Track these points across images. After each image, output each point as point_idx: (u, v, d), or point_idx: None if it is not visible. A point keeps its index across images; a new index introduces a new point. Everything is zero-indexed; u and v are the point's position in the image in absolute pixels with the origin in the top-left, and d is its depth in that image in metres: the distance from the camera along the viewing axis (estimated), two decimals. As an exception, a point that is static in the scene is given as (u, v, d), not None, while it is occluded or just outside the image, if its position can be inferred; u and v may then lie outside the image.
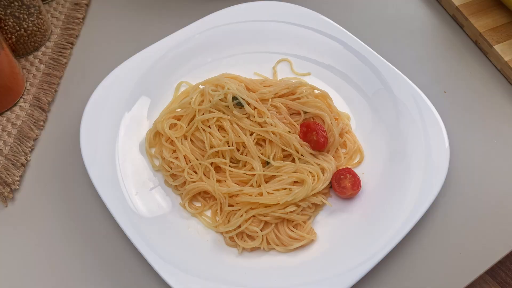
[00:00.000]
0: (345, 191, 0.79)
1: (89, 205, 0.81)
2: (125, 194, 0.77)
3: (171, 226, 0.77)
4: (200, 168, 0.80)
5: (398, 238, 0.72)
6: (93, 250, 0.76)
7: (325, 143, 0.81)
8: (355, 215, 0.78)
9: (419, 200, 0.76)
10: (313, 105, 0.85)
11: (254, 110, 0.81)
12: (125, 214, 0.74)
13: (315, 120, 0.85)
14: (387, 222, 0.75)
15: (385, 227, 0.74)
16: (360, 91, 0.91)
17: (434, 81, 0.97)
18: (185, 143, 0.83)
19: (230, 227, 0.76)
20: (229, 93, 0.81)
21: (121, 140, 0.83)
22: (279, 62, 0.95)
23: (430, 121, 0.83)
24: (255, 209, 0.76)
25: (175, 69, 0.93)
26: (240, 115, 0.81)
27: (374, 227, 0.75)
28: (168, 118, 0.85)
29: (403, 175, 0.80)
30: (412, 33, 1.04)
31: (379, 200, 0.79)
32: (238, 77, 0.89)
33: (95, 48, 0.99)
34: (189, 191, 0.79)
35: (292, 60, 0.95)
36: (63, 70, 0.96)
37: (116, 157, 0.81)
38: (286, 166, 0.80)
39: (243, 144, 0.81)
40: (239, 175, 0.80)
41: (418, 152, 0.81)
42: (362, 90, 0.91)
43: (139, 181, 0.80)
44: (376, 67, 0.91)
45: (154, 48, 0.92)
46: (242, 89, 0.84)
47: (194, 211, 0.79)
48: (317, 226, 0.78)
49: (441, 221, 0.80)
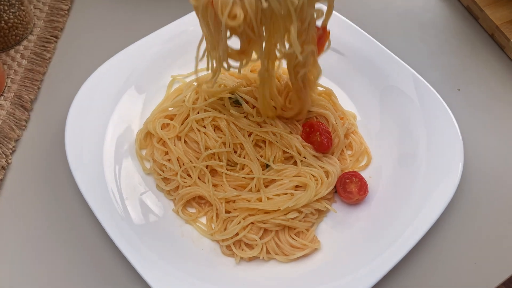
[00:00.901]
0: (351, 196, 0.79)
1: (74, 211, 0.80)
2: (113, 199, 0.77)
3: (163, 234, 0.76)
4: (195, 171, 0.80)
5: (407, 247, 0.72)
6: (80, 259, 0.76)
7: (330, 145, 0.81)
8: (361, 222, 0.78)
9: (430, 206, 0.76)
10: (316, 103, 0.85)
11: (253, 109, 0.81)
12: (113, 221, 0.74)
13: (318, 119, 0.85)
14: (396, 229, 0.75)
15: (393, 235, 0.74)
16: (368, 88, 0.91)
17: (447, 77, 0.97)
18: (178, 144, 0.83)
19: (227, 235, 0.76)
20: (226, 90, 0.81)
21: (109, 141, 0.83)
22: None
23: (443, 121, 0.83)
24: (254, 216, 0.76)
25: (168, 65, 0.93)
26: (237, 114, 0.81)
27: (382, 235, 0.75)
28: (160, 118, 0.85)
29: (414, 179, 0.80)
30: (423, 25, 1.04)
31: (388, 206, 0.78)
32: (235, 73, 0.89)
33: (82, 42, 0.99)
34: (182, 196, 0.79)
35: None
36: (46, 65, 0.96)
37: (104, 159, 0.81)
38: (287, 169, 0.80)
39: (240, 146, 0.81)
40: (237, 179, 0.80)
41: (429, 154, 0.81)
42: (370, 87, 0.91)
43: (129, 185, 0.80)
44: (385, 62, 0.91)
45: (145, 41, 0.92)
46: (240, 86, 0.84)
47: (188, 218, 0.79)
48: (320, 234, 0.78)
49: (454, 228, 0.80)
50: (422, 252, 0.78)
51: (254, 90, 0.83)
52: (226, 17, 0.61)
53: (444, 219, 0.80)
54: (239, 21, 0.61)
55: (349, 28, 0.95)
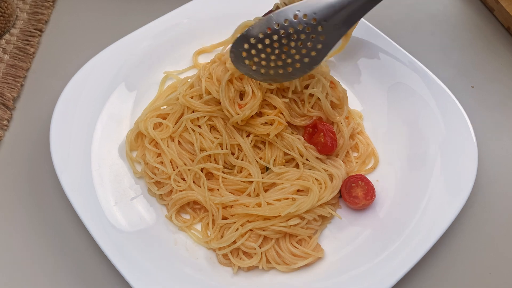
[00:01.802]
0: (356, 201, 0.79)
1: (60, 217, 0.80)
2: (102, 204, 0.77)
3: (156, 242, 0.76)
4: (189, 174, 0.80)
5: (417, 256, 0.72)
6: (65, 268, 0.76)
7: (334, 146, 0.81)
8: (368, 229, 0.78)
9: (442, 212, 0.76)
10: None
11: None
12: (102, 228, 0.74)
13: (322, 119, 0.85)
14: (405, 237, 0.75)
15: (402, 244, 0.74)
16: (374, 86, 0.91)
17: (459, 74, 0.97)
18: (172, 145, 0.83)
19: (223, 243, 0.76)
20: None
21: (98, 142, 0.83)
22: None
23: (456, 120, 0.83)
24: (253, 222, 0.76)
25: (161, 60, 0.93)
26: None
27: (390, 243, 0.75)
28: (152, 117, 0.85)
29: (424, 182, 0.80)
30: (434, 18, 1.04)
31: (396, 211, 0.78)
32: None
33: (68, 36, 0.99)
34: (176, 201, 0.79)
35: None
36: (30, 61, 0.96)
37: (92, 161, 0.81)
38: (289, 172, 0.80)
39: (238, 147, 0.81)
40: (234, 183, 0.80)
41: (441, 156, 0.81)
42: (377, 84, 0.91)
43: (119, 189, 0.80)
44: (393, 57, 0.91)
45: (136, 35, 0.92)
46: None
47: (182, 225, 0.79)
48: (324, 241, 0.78)
49: (468, 236, 0.80)
50: (433, 262, 0.78)
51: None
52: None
53: (456, 226, 0.80)
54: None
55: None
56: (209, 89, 0.80)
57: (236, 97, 0.80)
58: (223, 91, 0.78)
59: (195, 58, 0.94)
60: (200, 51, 0.95)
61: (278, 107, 0.80)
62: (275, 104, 0.80)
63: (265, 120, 0.80)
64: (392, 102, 0.89)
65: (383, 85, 0.91)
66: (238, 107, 0.79)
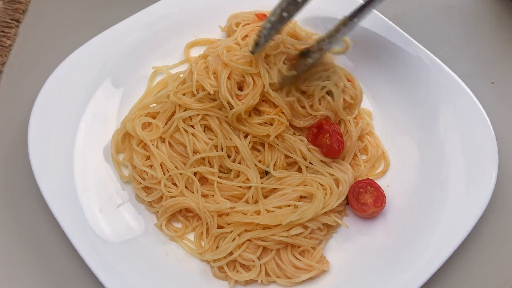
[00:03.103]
0: (365, 208, 0.79)
1: (39, 226, 0.80)
2: (85, 212, 0.77)
3: (145, 253, 0.76)
4: (181, 179, 0.80)
5: (432, 269, 0.72)
6: (46, 282, 0.76)
7: (341, 149, 0.81)
8: (378, 239, 0.78)
9: (459, 219, 0.76)
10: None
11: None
12: (85, 238, 0.74)
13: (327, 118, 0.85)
14: (418, 248, 0.75)
15: (415, 255, 0.74)
16: (385, 82, 0.91)
17: (478, 69, 0.97)
18: (162, 147, 0.83)
19: (219, 254, 0.76)
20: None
21: (81, 144, 0.83)
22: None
23: (474, 119, 0.83)
24: (251, 232, 0.76)
25: (149, 54, 0.93)
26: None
27: (402, 254, 0.75)
28: (140, 116, 0.85)
29: (440, 187, 0.80)
30: (449, 8, 1.04)
31: (408, 220, 0.79)
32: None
33: (48, 27, 0.99)
34: (167, 209, 0.79)
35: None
36: (6, 54, 0.96)
37: (74, 165, 0.81)
38: (290, 176, 0.80)
39: (235, 149, 0.81)
40: (231, 188, 0.80)
41: (458, 158, 0.81)
42: (388, 80, 0.91)
43: (104, 195, 0.80)
44: (405, 51, 0.91)
45: (123, 26, 0.92)
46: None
47: (174, 234, 0.79)
48: (329, 253, 0.78)
49: (487, 246, 0.80)
50: (449, 275, 0.78)
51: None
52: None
53: (475, 235, 0.80)
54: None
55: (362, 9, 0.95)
56: (202, 83, 0.80)
57: (234, 89, 0.80)
58: (223, 82, 0.78)
59: (187, 51, 0.94)
60: (193, 44, 0.95)
61: (280, 106, 0.80)
62: (276, 102, 0.80)
63: (264, 119, 0.80)
64: (405, 99, 0.89)
65: (394, 81, 0.91)
66: (237, 99, 0.79)
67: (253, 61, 0.80)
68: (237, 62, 0.80)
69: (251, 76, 0.79)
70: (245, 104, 0.78)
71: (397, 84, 0.90)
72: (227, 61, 0.80)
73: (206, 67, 0.83)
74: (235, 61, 0.80)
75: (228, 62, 0.80)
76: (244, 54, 0.81)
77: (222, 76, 0.79)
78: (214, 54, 0.83)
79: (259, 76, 0.79)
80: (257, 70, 0.79)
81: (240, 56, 0.81)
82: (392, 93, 0.90)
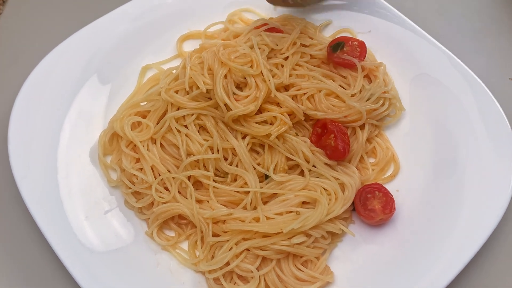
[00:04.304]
0: (373, 215, 0.79)
1: (20, 233, 0.80)
2: (70, 219, 0.77)
3: (134, 264, 0.77)
4: (174, 183, 0.80)
5: (445, 281, 0.72)
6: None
7: (346, 151, 0.81)
8: (386, 248, 0.78)
9: (475, 227, 0.76)
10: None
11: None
12: (70, 247, 0.74)
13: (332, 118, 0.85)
14: (430, 258, 0.75)
15: (428, 266, 0.74)
16: (395, 77, 0.91)
17: (495, 64, 0.97)
18: (153, 149, 0.83)
19: (215, 265, 0.76)
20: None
21: (65, 145, 0.83)
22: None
23: (491, 118, 0.83)
24: (249, 240, 0.76)
25: (139, 48, 0.93)
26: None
27: (412, 265, 0.75)
28: (129, 115, 0.85)
29: (454, 192, 0.80)
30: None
31: (420, 227, 0.79)
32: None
33: (30, 18, 0.99)
34: (158, 215, 0.79)
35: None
36: (-15, 48, 0.96)
37: (58, 168, 0.81)
38: (292, 181, 0.80)
39: (232, 151, 0.81)
40: (227, 194, 0.80)
41: (473, 161, 0.81)
42: (397, 75, 0.91)
43: (90, 201, 0.80)
44: (416, 44, 0.91)
45: (110, 18, 0.92)
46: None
47: (166, 243, 0.79)
48: (334, 263, 0.78)
49: (505, 257, 0.80)
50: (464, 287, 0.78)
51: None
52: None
53: (491, 245, 0.80)
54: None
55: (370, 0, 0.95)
56: (195, 79, 0.80)
57: (232, 87, 0.80)
58: (219, 82, 0.78)
59: (180, 45, 0.94)
60: (186, 37, 0.95)
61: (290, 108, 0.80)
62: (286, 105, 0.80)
63: (264, 118, 0.80)
64: (416, 97, 0.89)
65: (404, 76, 0.91)
66: (235, 100, 0.79)
67: (254, 61, 0.80)
68: (235, 61, 0.80)
69: (253, 78, 0.79)
70: (242, 109, 0.78)
71: (407, 81, 0.90)
72: (224, 59, 0.80)
73: (201, 62, 0.83)
74: (234, 60, 0.80)
75: (226, 61, 0.79)
76: (243, 53, 0.81)
77: (218, 74, 0.79)
78: (210, 50, 0.83)
79: (263, 80, 0.79)
80: (257, 71, 0.79)
81: (239, 54, 0.81)
82: (402, 90, 0.90)
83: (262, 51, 0.83)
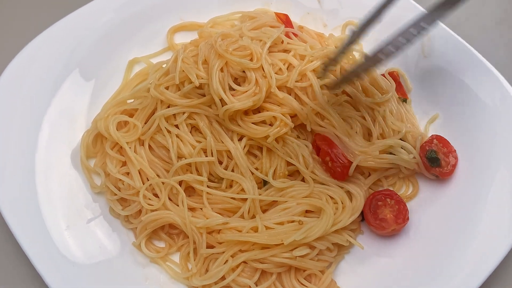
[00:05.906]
0: (384, 225, 0.79)
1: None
2: (49, 228, 0.77)
3: (120, 278, 0.77)
4: (164, 189, 0.80)
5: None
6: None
7: (345, 173, 0.81)
8: (398, 261, 0.78)
9: (496, 239, 0.76)
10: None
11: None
12: (49, 259, 0.74)
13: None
14: (448, 272, 0.75)
15: (444, 281, 0.74)
16: (407, 72, 0.91)
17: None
18: (141, 151, 0.83)
19: (209, 280, 0.76)
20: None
21: (44, 147, 0.83)
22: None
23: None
24: (247, 252, 0.77)
25: (125, 40, 0.93)
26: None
27: (427, 280, 0.75)
28: (115, 114, 0.85)
29: (474, 201, 0.80)
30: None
31: (436, 239, 0.79)
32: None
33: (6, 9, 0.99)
34: (146, 225, 0.80)
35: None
36: (-44, 39, 0.96)
37: (36, 172, 0.81)
38: (294, 187, 0.81)
39: (228, 154, 0.82)
40: (223, 201, 0.81)
41: (497, 165, 0.81)
42: (410, 71, 0.91)
43: (72, 208, 0.80)
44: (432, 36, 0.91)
45: (94, 7, 0.92)
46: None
47: (155, 255, 0.79)
48: (341, 277, 0.79)
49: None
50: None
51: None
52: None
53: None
54: None
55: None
56: (187, 72, 0.80)
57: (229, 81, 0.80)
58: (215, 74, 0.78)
59: (171, 37, 0.94)
60: (178, 28, 0.95)
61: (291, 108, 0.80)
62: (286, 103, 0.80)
63: (263, 118, 0.80)
64: (429, 94, 0.90)
65: (416, 72, 0.91)
66: (232, 95, 0.79)
67: (254, 54, 0.80)
68: (234, 53, 0.80)
69: (253, 72, 0.79)
70: (239, 104, 0.78)
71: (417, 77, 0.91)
72: (221, 51, 0.79)
73: (195, 55, 0.83)
74: (232, 52, 0.80)
75: (223, 53, 0.79)
76: (243, 44, 0.81)
77: (214, 67, 0.79)
78: (207, 41, 0.83)
79: (264, 75, 0.79)
80: (257, 65, 0.79)
81: (238, 45, 0.81)
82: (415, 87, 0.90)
83: (263, 44, 0.82)
